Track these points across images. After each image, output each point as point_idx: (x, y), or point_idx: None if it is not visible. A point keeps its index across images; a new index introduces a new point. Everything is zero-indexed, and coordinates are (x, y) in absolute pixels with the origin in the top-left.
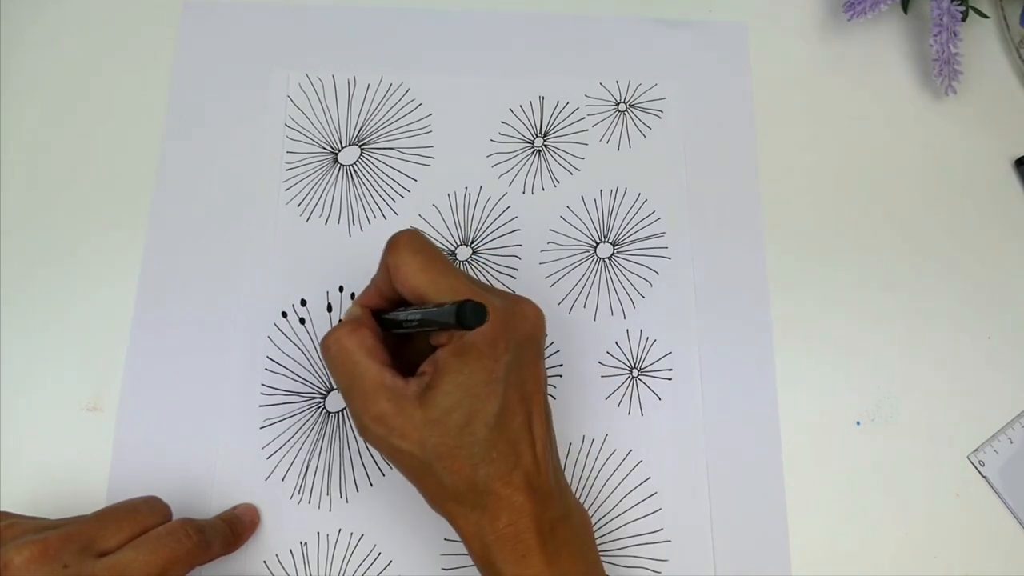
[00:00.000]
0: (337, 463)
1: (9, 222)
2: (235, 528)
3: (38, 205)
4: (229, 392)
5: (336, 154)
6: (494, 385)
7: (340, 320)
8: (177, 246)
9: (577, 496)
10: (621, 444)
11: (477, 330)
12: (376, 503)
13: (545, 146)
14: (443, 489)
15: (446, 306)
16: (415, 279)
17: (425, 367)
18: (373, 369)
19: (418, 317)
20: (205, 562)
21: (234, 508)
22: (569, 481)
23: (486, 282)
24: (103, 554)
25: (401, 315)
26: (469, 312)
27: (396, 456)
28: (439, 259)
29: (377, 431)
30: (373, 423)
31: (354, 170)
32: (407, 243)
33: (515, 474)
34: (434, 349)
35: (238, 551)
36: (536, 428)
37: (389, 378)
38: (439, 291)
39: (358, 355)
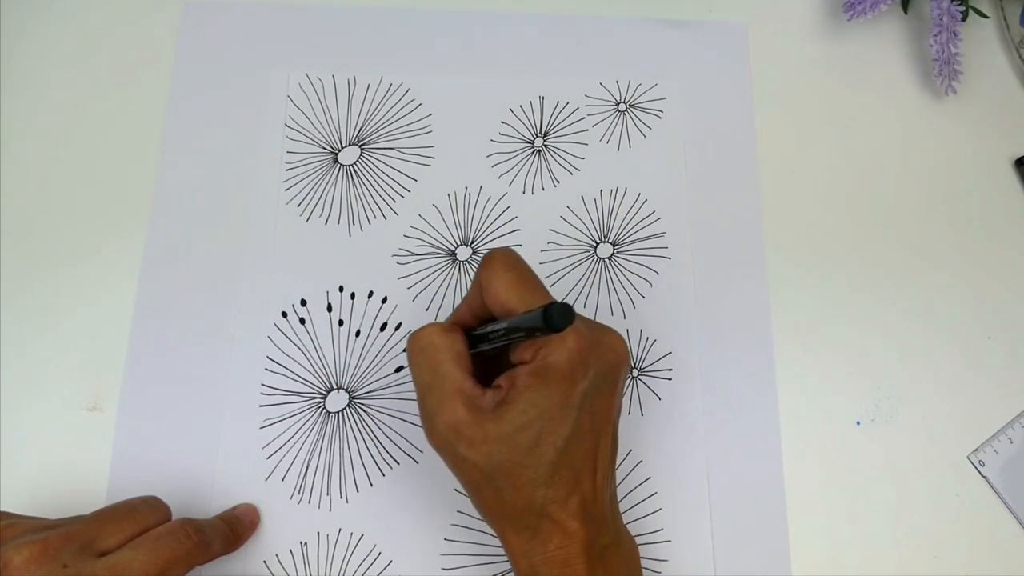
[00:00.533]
0: (337, 463)
1: (9, 222)
2: (235, 528)
3: (38, 205)
4: (229, 392)
5: (336, 154)
6: (568, 410)
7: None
8: (177, 246)
9: None
10: (621, 444)
11: (559, 353)
12: (376, 503)
13: (545, 146)
14: (501, 505)
15: (534, 311)
16: (506, 294)
17: (501, 381)
18: (457, 373)
19: (505, 325)
20: (205, 562)
21: (234, 508)
22: None
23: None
24: (103, 554)
25: (489, 329)
26: (556, 313)
27: (460, 465)
28: (531, 277)
29: (447, 436)
30: (446, 428)
31: (354, 170)
32: (501, 260)
33: (572, 500)
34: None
35: (238, 551)
36: (600, 457)
37: (470, 386)
38: (527, 305)
39: (445, 355)
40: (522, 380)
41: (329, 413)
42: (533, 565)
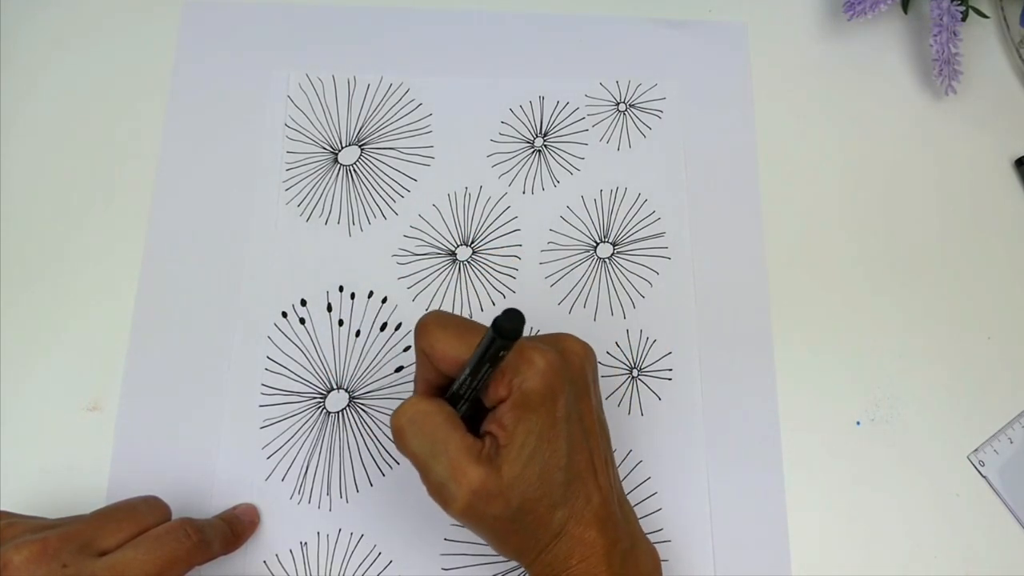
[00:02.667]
0: (337, 463)
1: (9, 222)
2: (235, 528)
3: (38, 205)
4: (229, 392)
5: (336, 154)
6: (559, 428)
7: None
8: (177, 246)
9: None
10: (621, 444)
11: (532, 377)
12: (376, 503)
13: (545, 146)
14: (526, 540)
15: (484, 337)
16: (452, 349)
17: (488, 427)
18: (458, 434)
19: (467, 371)
20: (204, 562)
21: (234, 508)
22: None
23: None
24: (102, 553)
25: (455, 385)
26: (504, 320)
27: (489, 524)
28: (470, 323)
29: (469, 500)
30: (469, 494)
31: (354, 170)
32: (433, 322)
33: (586, 511)
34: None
35: (238, 551)
36: (597, 461)
37: (472, 441)
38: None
39: (439, 418)
40: (509, 417)
41: (329, 413)
42: None
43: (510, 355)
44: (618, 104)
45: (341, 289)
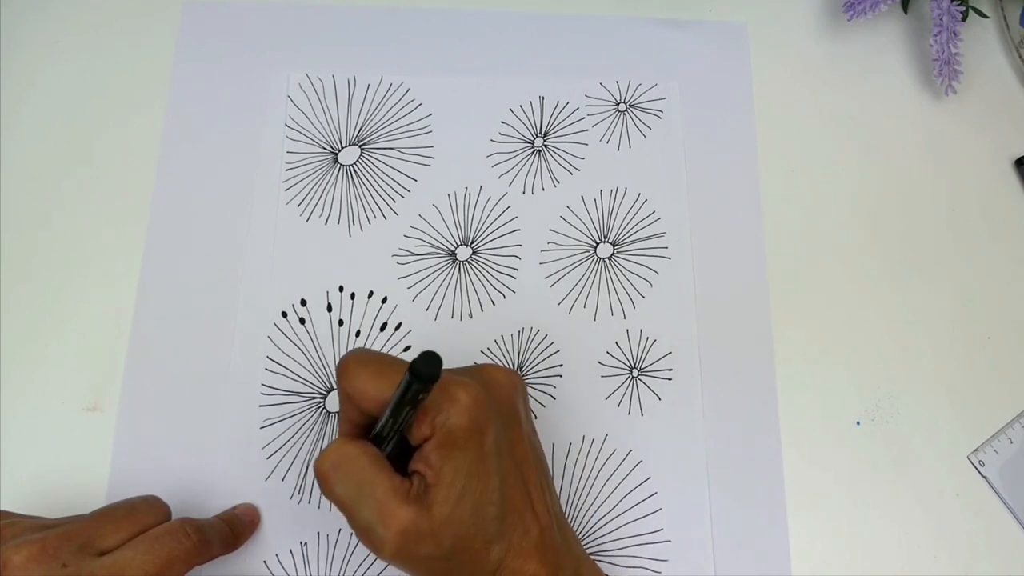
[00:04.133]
0: None
1: (9, 222)
2: (235, 528)
3: (38, 205)
4: (229, 392)
5: (336, 154)
6: (488, 462)
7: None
8: (177, 246)
9: (577, 496)
10: (621, 444)
11: (457, 414)
12: None
13: (545, 146)
14: None
15: (402, 380)
16: (374, 389)
17: (415, 466)
18: (384, 475)
19: (388, 413)
20: (204, 562)
21: (234, 508)
22: (570, 481)
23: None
24: (102, 553)
25: (377, 426)
26: (421, 363)
27: (422, 564)
28: (389, 360)
29: (398, 543)
30: (396, 536)
31: (354, 170)
32: (355, 360)
33: (525, 543)
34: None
35: (238, 551)
36: (533, 491)
37: (399, 482)
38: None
39: (364, 460)
40: (435, 456)
41: (329, 413)
42: None
43: (433, 392)
44: (618, 104)
45: (341, 289)
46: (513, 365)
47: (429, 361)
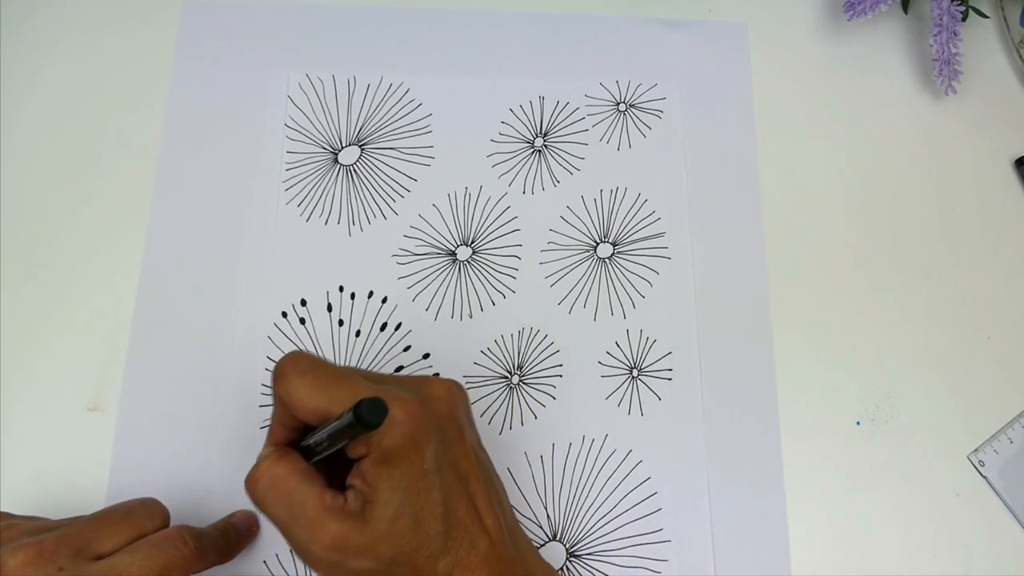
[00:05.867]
0: None
1: (9, 222)
2: (232, 538)
3: (38, 205)
4: (229, 392)
5: (336, 154)
6: (429, 479)
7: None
8: (177, 246)
9: (577, 496)
10: (621, 444)
11: (392, 430)
12: None
13: (545, 146)
14: None
15: (344, 414)
16: (311, 400)
17: (353, 480)
18: (314, 492)
19: (325, 437)
20: (200, 570)
21: (231, 516)
22: (569, 481)
23: (384, 374)
24: (99, 557)
25: (311, 441)
26: (366, 410)
27: None
28: (329, 372)
29: (330, 558)
30: (326, 551)
31: (354, 170)
32: (293, 367)
33: (472, 556)
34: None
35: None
36: (480, 504)
37: (330, 498)
38: (339, 403)
39: (293, 480)
40: (371, 472)
41: None
42: None
43: None
44: (618, 104)
45: (341, 289)
46: (513, 365)
47: (375, 411)
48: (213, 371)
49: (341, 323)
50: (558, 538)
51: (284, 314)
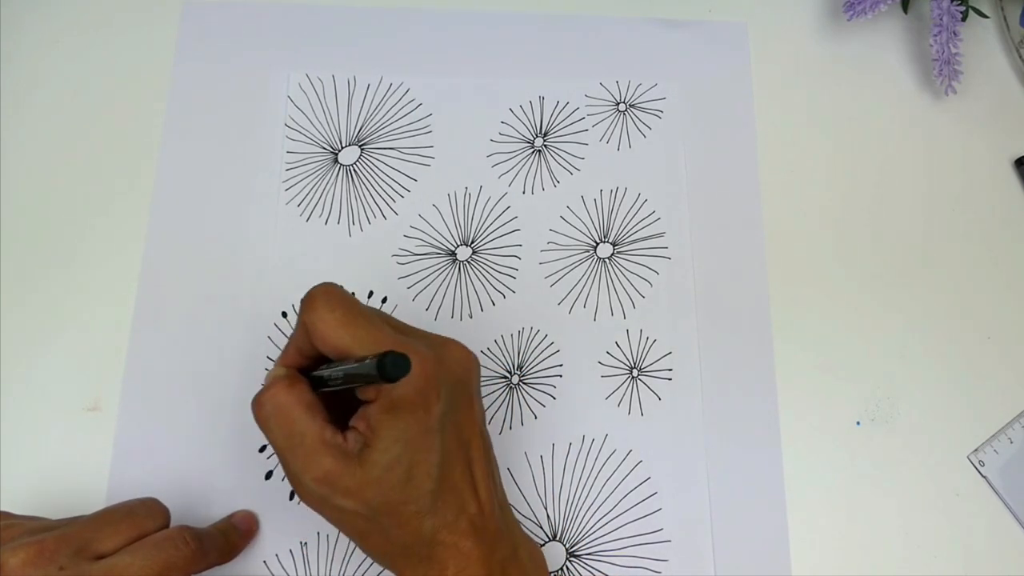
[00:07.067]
0: None
1: (9, 222)
2: (232, 538)
3: (38, 205)
4: (229, 392)
5: (336, 154)
6: (431, 436)
7: (264, 382)
8: (177, 246)
9: (577, 496)
10: (621, 444)
11: (404, 382)
12: None
13: (545, 146)
14: (390, 544)
15: (367, 360)
16: (335, 336)
17: (356, 423)
18: (315, 426)
19: (341, 375)
20: (201, 570)
21: (231, 516)
22: (569, 481)
23: (408, 324)
24: (99, 557)
25: (324, 373)
26: (390, 364)
27: (339, 516)
28: (359, 311)
29: (319, 492)
30: (316, 484)
31: (354, 170)
32: (324, 299)
33: (460, 520)
34: (363, 402)
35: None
36: (477, 472)
37: (330, 434)
38: (362, 345)
39: (297, 411)
40: (376, 418)
41: None
42: None
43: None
44: (618, 104)
45: None
46: (513, 365)
47: (399, 365)
48: (213, 371)
49: None
50: (558, 538)
51: (284, 314)
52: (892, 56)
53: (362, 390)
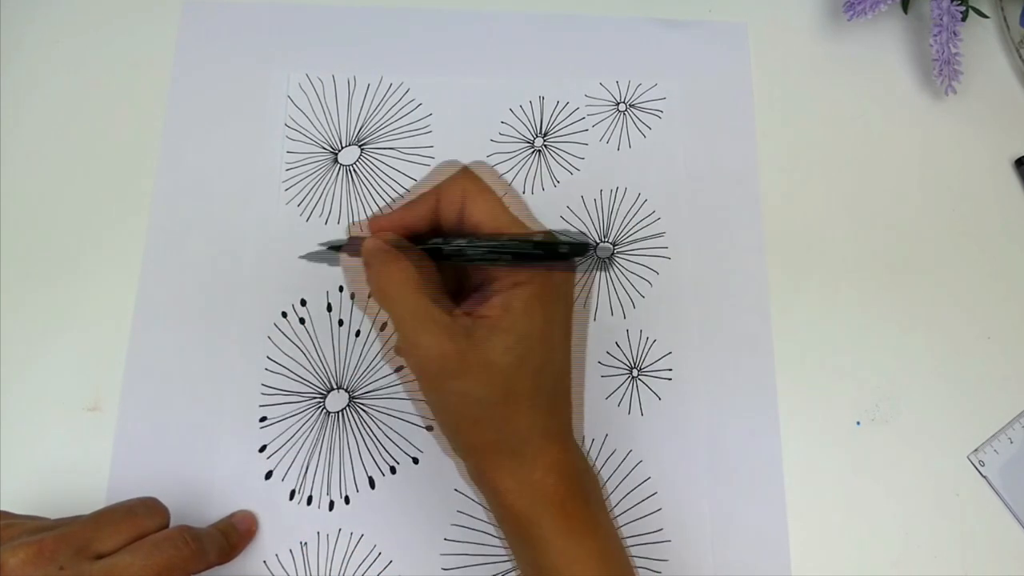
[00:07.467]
0: (337, 463)
1: (9, 222)
2: (231, 538)
3: (38, 205)
4: (229, 392)
5: (336, 154)
6: (565, 336)
7: (367, 247)
8: (177, 246)
9: None
10: (621, 444)
11: (561, 278)
12: (376, 503)
13: (545, 146)
14: (485, 436)
15: (538, 236)
16: (483, 213)
17: (491, 310)
18: (431, 306)
19: (485, 244)
20: (200, 570)
21: (231, 516)
22: None
23: None
24: (99, 556)
25: (452, 242)
26: (575, 248)
27: (447, 397)
28: (511, 199)
29: (431, 368)
30: (429, 360)
31: (354, 170)
32: (488, 175)
33: (559, 425)
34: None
35: None
36: (574, 394)
37: (447, 317)
38: (518, 226)
39: (408, 286)
40: (521, 304)
41: (329, 413)
42: (523, 496)
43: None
44: (618, 104)
45: (341, 289)
46: None
47: (579, 246)
48: (213, 371)
49: (341, 323)
50: None
51: (284, 314)
52: (892, 56)
53: (490, 272)
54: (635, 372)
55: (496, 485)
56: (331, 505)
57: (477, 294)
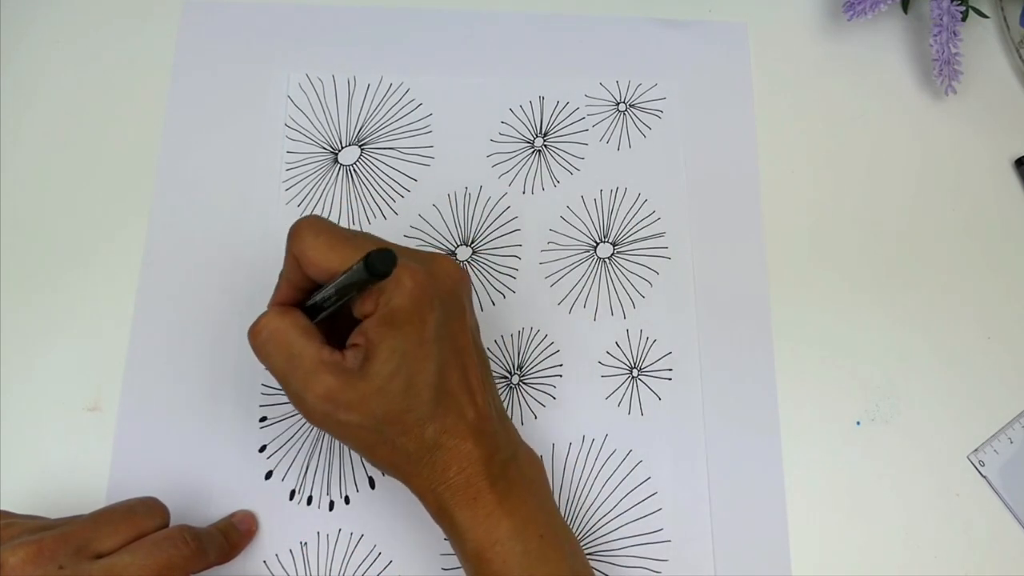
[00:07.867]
0: (337, 463)
1: (9, 222)
2: (231, 538)
3: (38, 205)
4: (229, 392)
5: (336, 154)
6: (428, 346)
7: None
8: (177, 246)
9: (577, 496)
10: (621, 444)
11: (399, 296)
12: (376, 503)
13: (545, 146)
14: (395, 453)
15: (354, 266)
16: (325, 260)
17: (355, 339)
18: (312, 347)
19: (333, 289)
20: (200, 570)
21: (231, 516)
22: (569, 481)
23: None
24: (99, 556)
25: (318, 296)
26: (376, 259)
27: (344, 431)
28: (344, 234)
29: (323, 408)
30: (319, 401)
31: (354, 170)
32: (308, 227)
33: (460, 424)
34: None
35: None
36: (473, 379)
37: (328, 354)
38: (351, 263)
39: (292, 334)
40: (374, 332)
41: None
42: (439, 496)
43: None
44: (618, 104)
45: None
46: (513, 365)
47: (385, 260)
48: (213, 371)
49: None
50: None
51: None
52: (892, 56)
53: (359, 305)
54: (635, 372)
55: (417, 490)
56: (331, 505)
57: (355, 329)
